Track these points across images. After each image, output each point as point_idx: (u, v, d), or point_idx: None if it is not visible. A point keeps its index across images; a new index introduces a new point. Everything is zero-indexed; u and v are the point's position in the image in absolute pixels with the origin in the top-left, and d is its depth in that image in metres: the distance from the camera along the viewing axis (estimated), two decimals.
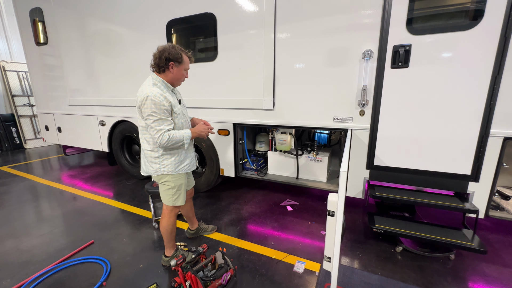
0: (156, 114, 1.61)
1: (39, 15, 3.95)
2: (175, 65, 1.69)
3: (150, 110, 1.60)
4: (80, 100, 3.96)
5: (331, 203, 1.36)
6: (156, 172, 1.81)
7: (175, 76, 1.73)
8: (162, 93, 1.65)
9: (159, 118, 1.63)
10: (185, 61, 1.74)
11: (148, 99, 1.59)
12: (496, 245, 2.19)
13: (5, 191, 3.58)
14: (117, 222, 2.66)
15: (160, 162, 1.78)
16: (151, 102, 1.59)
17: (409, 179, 2.20)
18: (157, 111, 1.61)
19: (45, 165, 4.96)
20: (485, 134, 1.88)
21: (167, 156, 1.78)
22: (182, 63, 1.72)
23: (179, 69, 1.72)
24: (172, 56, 1.66)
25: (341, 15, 2.12)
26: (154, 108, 1.60)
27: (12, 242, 2.34)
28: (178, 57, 1.68)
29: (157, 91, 1.63)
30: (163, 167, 1.78)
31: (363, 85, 2.14)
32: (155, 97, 1.60)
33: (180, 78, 1.78)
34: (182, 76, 1.77)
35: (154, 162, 1.79)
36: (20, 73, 6.19)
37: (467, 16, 1.85)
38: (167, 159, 1.78)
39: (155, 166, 1.79)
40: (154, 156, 1.77)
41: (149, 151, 1.78)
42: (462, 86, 1.88)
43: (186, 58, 1.75)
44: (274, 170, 3.04)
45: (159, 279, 1.84)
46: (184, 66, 1.74)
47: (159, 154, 1.76)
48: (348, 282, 1.76)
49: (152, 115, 1.61)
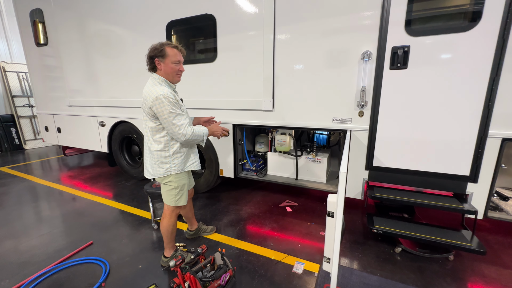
0: (174, 111, 1.62)
1: (39, 16, 3.96)
2: (160, 60, 1.67)
3: (166, 108, 1.60)
4: (79, 101, 3.96)
5: (331, 204, 1.37)
6: (166, 172, 1.78)
7: (165, 71, 1.70)
8: (169, 90, 1.66)
9: (178, 113, 1.64)
10: (170, 54, 1.67)
11: (161, 98, 1.58)
12: (495, 246, 2.19)
13: (5, 191, 3.57)
14: (117, 223, 2.66)
15: (171, 161, 1.77)
16: (166, 99, 1.59)
17: (408, 180, 2.21)
18: (174, 107, 1.62)
19: (44, 165, 4.96)
20: (483, 135, 1.89)
21: (178, 154, 1.79)
22: (167, 57, 1.66)
23: (166, 63, 1.68)
24: (153, 53, 1.66)
25: (340, 17, 2.13)
26: (170, 105, 1.60)
27: (12, 242, 2.34)
28: (158, 51, 1.65)
29: (165, 89, 1.63)
30: (174, 166, 1.79)
31: (362, 86, 2.15)
32: (167, 95, 1.60)
33: (172, 73, 1.71)
34: (172, 69, 1.70)
35: (164, 162, 1.77)
36: (20, 74, 6.19)
37: (465, 17, 1.86)
38: (177, 157, 1.79)
39: (166, 166, 1.77)
40: (165, 155, 1.76)
41: (159, 151, 1.75)
42: (460, 87, 1.89)
43: (171, 50, 1.67)
44: (273, 171, 3.04)
45: (158, 279, 1.84)
46: (170, 59, 1.67)
47: (170, 153, 1.76)
48: (347, 283, 1.76)
49: (171, 112, 1.61)
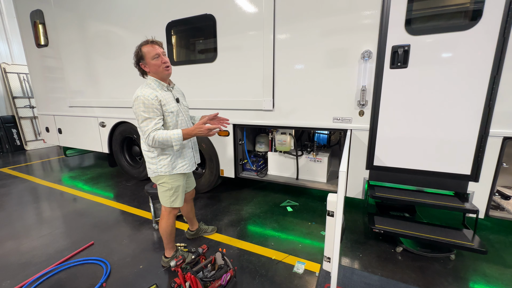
0: (144, 113, 1.60)
1: (39, 17, 3.96)
2: (143, 63, 1.69)
3: (139, 110, 1.61)
4: (80, 102, 3.97)
5: (331, 203, 1.36)
6: (154, 173, 1.80)
7: (152, 70, 1.69)
8: (154, 91, 1.65)
9: (146, 118, 1.61)
10: (145, 52, 1.65)
11: (138, 100, 1.60)
12: (496, 245, 2.18)
13: (6, 192, 3.58)
14: (117, 223, 2.66)
15: (157, 162, 1.77)
16: (140, 102, 1.60)
17: (409, 179, 2.20)
18: (146, 110, 1.60)
19: (45, 166, 4.97)
20: (484, 134, 1.88)
21: (163, 156, 1.76)
22: (145, 56, 1.66)
23: (148, 63, 1.67)
24: (135, 59, 1.70)
25: (340, 16, 2.13)
26: (143, 108, 1.60)
27: (13, 243, 2.34)
28: (137, 56, 1.68)
29: (148, 91, 1.63)
30: (160, 168, 1.77)
31: (362, 86, 2.15)
32: (144, 97, 1.60)
33: (158, 70, 1.68)
34: (155, 66, 1.67)
35: (151, 162, 1.78)
36: (21, 75, 6.21)
37: (466, 16, 1.85)
38: (163, 159, 1.76)
39: (153, 166, 1.79)
40: (150, 156, 1.77)
41: (146, 152, 1.79)
42: (461, 86, 1.88)
43: (145, 48, 1.66)
44: (274, 171, 3.04)
45: (159, 280, 1.84)
46: (148, 57, 1.65)
47: (155, 154, 1.76)
48: (348, 283, 1.76)
49: (140, 115, 1.61)
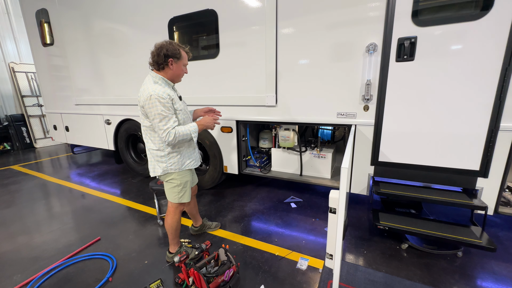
0: (163, 112, 1.60)
1: (45, 16, 4.01)
2: (174, 61, 1.69)
3: (156, 110, 1.59)
4: (86, 100, 4.02)
5: (333, 199, 1.35)
6: (163, 171, 1.80)
7: (175, 72, 1.73)
8: (165, 90, 1.64)
9: (165, 116, 1.61)
10: (184, 57, 1.74)
11: (152, 98, 1.58)
12: (506, 243, 2.13)
13: (17, 189, 3.69)
14: (123, 219, 2.71)
15: (167, 160, 1.78)
16: (156, 100, 1.58)
17: (415, 175, 2.15)
18: (164, 109, 1.60)
19: (54, 163, 5.09)
20: (494, 128, 1.81)
21: (174, 154, 1.78)
22: (181, 59, 1.72)
23: (178, 65, 1.71)
24: (170, 52, 1.65)
25: (343, 8, 2.07)
26: (160, 106, 1.58)
27: (24, 238, 2.42)
28: (176, 53, 1.67)
29: (160, 88, 1.63)
30: (170, 165, 1.79)
31: (367, 80, 2.10)
32: (158, 95, 1.58)
33: (180, 74, 1.77)
34: (181, 72, 1.76)
35: (161, 161, 1.78)
36: (28, 74, 6.33)
37: (476, 5, 1.77)
38: (173, 157, 1.78)
39: (162, 165, 1.79)
40: (160, 155, 1.77)
41: (155, 150, 1.77)
42: (470, 79, 1.81)
43: (184, 54, 1.74)
44: (277, 167, 3.03)
45: (163, 275, 1.87)
46: (183, 62, 1.74)
47: (166, 153, 1.76)
48: (352, 280, 1.75)
49: (159, 114, 1.60)
